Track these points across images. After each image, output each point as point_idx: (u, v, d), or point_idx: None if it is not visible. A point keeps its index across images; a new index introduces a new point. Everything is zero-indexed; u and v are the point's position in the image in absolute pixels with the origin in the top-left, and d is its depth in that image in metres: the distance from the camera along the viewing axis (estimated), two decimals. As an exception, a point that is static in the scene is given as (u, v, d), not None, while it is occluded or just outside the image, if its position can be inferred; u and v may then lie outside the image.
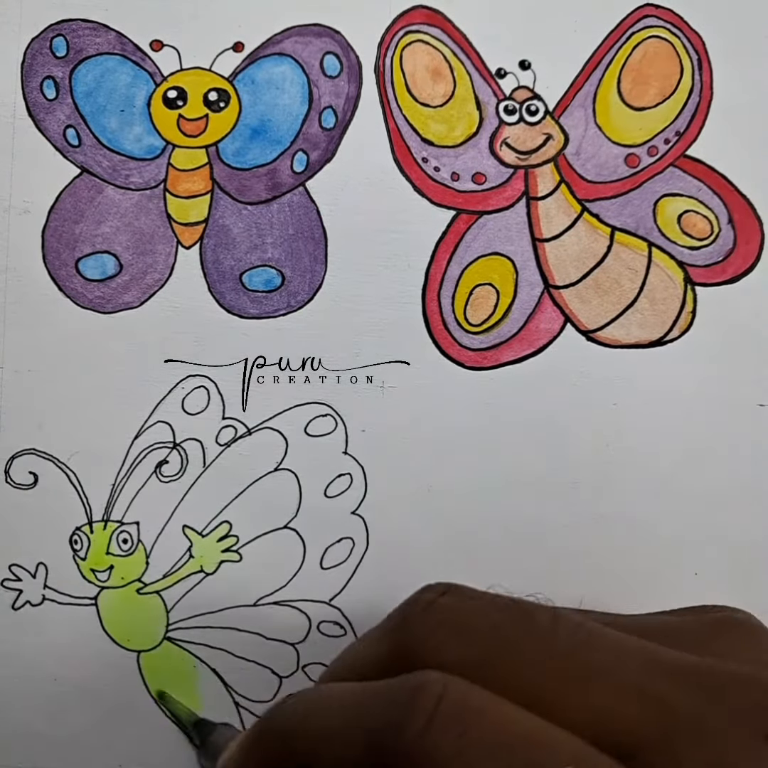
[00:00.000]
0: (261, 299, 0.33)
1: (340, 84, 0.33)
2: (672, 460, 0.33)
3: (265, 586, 0.32)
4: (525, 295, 0.33)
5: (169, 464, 0.32)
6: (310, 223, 0.33)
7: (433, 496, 0.33)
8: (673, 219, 0.34)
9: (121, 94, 0.33)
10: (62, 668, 0.31)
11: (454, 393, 0.33)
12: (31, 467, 0.32)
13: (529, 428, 0.33)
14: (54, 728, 0.31)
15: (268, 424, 0.32)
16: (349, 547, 0.32)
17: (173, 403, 0.32)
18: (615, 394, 0.33)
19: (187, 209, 0.33)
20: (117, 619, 0.32)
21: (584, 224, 0.33)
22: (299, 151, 0.33)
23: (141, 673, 0.32)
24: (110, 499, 0.32)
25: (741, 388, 0.33)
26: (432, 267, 0.33)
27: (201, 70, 0.33)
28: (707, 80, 0.34)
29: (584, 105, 0.34)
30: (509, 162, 0.33)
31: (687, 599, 0.33)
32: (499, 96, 0.33)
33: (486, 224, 0.33)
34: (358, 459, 0.33)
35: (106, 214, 0.32)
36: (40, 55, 0.33)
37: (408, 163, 0.33)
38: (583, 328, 0.33)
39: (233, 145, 0.33)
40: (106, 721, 0.31)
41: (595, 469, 0.33)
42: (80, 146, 0.33)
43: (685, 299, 0.33)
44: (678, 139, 0.34)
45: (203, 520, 0.32)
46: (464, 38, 0.33)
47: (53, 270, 0.32)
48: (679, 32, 0.34)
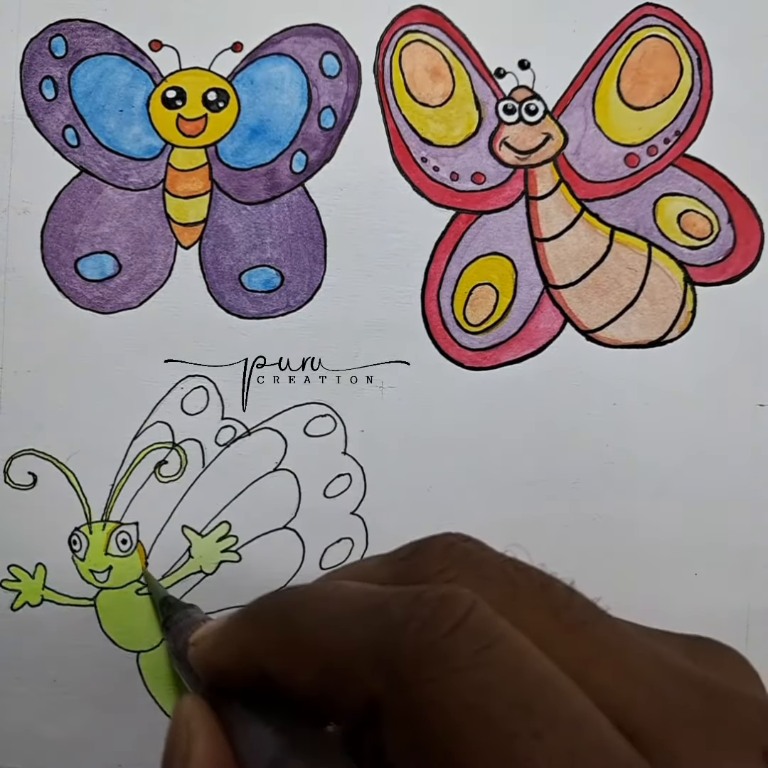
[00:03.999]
0: (260, 299, 0.33)
1: (339, 84, 0.33)
2: (672, 460, 0.33)
3: (265, 587, 0.32)
4: (524, 294, 0.33)
5: (168, 464, 0.32)
6: (309, 223, 0.33)
7: (433, 496, 0.33)
8: (673, 218, 0.33)
9: (120, 94, 0.33)
10: (62, 669, 0.31)
11: (454, 393, 0.33)
12: (30, 467, 0.32)
13: (529, 428, 0.33)
14: (54, 728, 0.31)
15: (268, 424, 0.32)
16: (349, 547, 0.32)
17: (172, 404, 0.32)
18: (615, 394, 0.33)
19: (186, 209, 0.33)
20: (116, 620, 0.32)
21: (584, 224, 0.33)
22: (298, 151, 0.33)
23: (140, 673, 0.32)
24: (109, 499, 0.32)
25: (741, 388, 0.33)
26: (431, 267, 0.33)
27: (200, 70, 0.33)
28: (707, 79, 0.34)
29: (584, 104, 0.34)
30: (509, 162, 0.33)
31: (687, 599, 0.33)
32: (499, 95, 0.33)
33: (485, 224, 0.33)
34: (357, 459, 0.33)
35: (105, 215, 0.32)
36: (39, 55, 0.32)
37: (407, 162, 0.33)
38: (582, 328, 0.33)
39: (232, 145, 0.33)
40: (106, 721, 0.31)
41: (595, 469, 0.33)
42: (79, 146, 0.33)
43: (685, 299, 0.33)
44: (678, 139, 0.34)
45: (202, 521, 0.32)
46: (463, 38, 0.33)
47: (52, 270, 0.32)
48: (678, 31, 0.34)
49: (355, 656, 0.13)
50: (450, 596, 0.13)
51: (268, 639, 0.15)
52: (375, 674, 0.13)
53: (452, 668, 0.12)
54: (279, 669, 0.15)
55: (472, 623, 0.13)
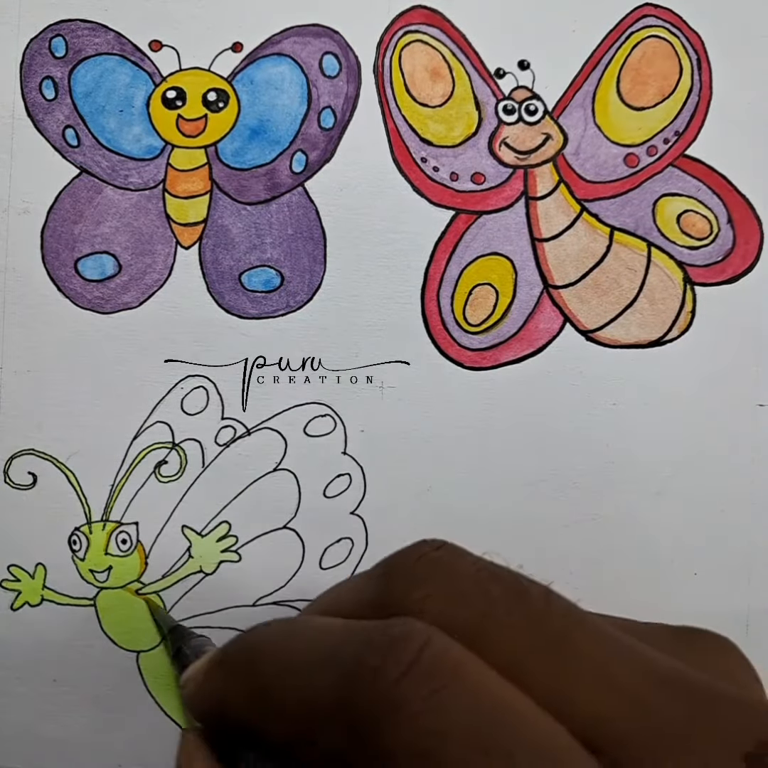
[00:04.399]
0: (260, 299, 0.33)
1: (338, 84, 0.33)
2: (672, 460, 0.33)
3: (265, 587, 0.32)
4: (524, 295, 0.33)
5: (168, 464, 0.32)
6: (309, 223, 0.33)
7: (433, 496, 0.33)
8: (673, 219, 0.33)
9: (120, 94, 0.33)
10: (61, 669, 0.31)
11: (454, 393, 0.33)
12: (30, 467, 0.32)
13: (529, 428, 0.33)
14: (54, 728, 0.31)
15: (268, 424, 0.32)
16: (348, 547, 0.32)
17: (172, 404, 0.32)
18: (615, 394, 0.33)
19: (186, 209, 0.33)
20: (116, 620, 0.32)
21: (583, 224, 0.33)
22: (298, 151, 0.33)
23: (140, 673, 0.32)
24: (109, 499, 0.32)
25: (741, 388, 0.33)
26: (431, 267, 0.33)
27: (200, 71, 0.33)
28: (706, 80, 0.34)
29: (583, 105, 0.34)
30: (508, 162, 0.33)
31: (687, 599, 0.33)
32: (498, 96, 0.33)
33: (485, 224, 0.33)
34: (357, 459, 0.33)
35: (105, 215, 0.32)
36: (39, 55, 0.33)
37: (407, 163, 0.33)
38: (582, 328, 0.33)
39: (232, 145, 0.33)
40: (106, 721, 0.31)
41: (595, 469, 0.33)
42: (79, 146, 0.33)
43: (685, 299, 0.33)
44: (677, 139, 0.34)
45: (202, 521, 0.32)
46: (463, 38, 0.33)
47: (52, 270, 0.32)
48: (678, 32, 0.34)
49: (316, 708, 0.13)
50: (400, 638, 0.13)
51: (236, 689, 0.15)
52: (336, 726, 0.13)
53: (405, 716, 0.12)
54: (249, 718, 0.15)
55: (423, 664, 0.13)
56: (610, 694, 0.13)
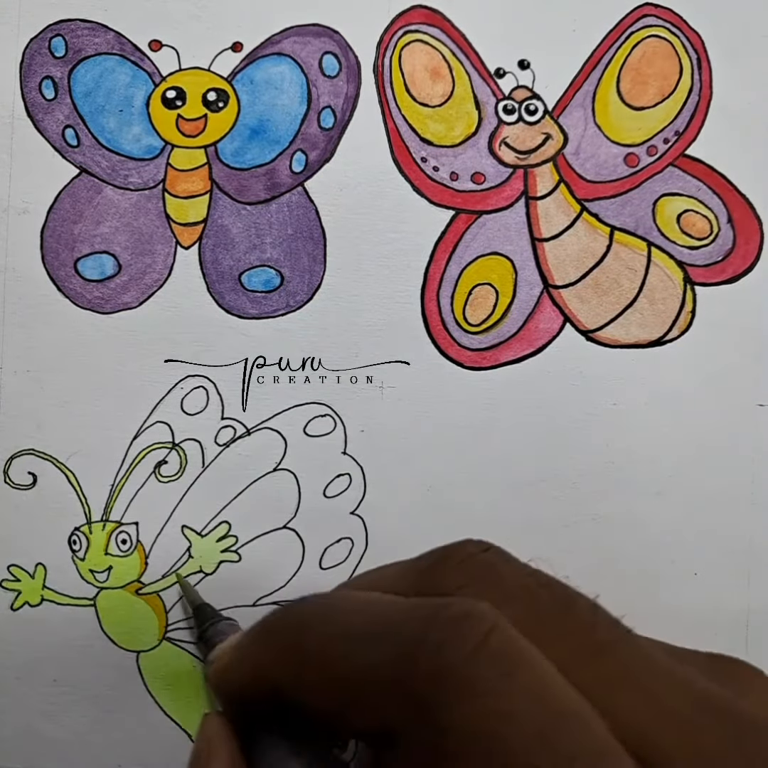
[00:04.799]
0: (260, 299, 0.33)
1: (338, 84, 0.33)
2: (672, 459, 0.33)
3: (265, 587, 0.32)
4: (524, 294, 0.33)
5: (168, 464, 0.32)
6: (309, 223, 0.33)
7: (432, 496, 0.33)
8: (673, 218, 0.33)
9: (120, 94, 0.33)
10: (61, 669, 0.31)
11: (454, 393, 0.33)
12: (30, 467, 0.32)
13: (529, 428, 0.33)
14: (54, 728, 0.31)
15: (268, 424, 0.32)
16: (348, 547, 0.32)
17: (172, 404, 0.32)
18: (615, 394, 0.33)
19: (186, 209, 0.33)
20: (116, 620, 0.32)
21: (583, 224, 0.33)
22: (298, 151, 0.33)
23: (140, 673, 0.32)
24: (109, 499, 0.32)
25: (741, 388, 0.33)
26: (431, 267, 0.33)
27: (200, 70, 0.33)
28: (706, 79, 0.34)
29: (583, 104, 0.34)
30: (508, 162, 0.33)
31: (687, 599, 0.33)
32: (498, 95, 0.33)
33: (485, 224, 0.33)
34: (357, 459, 0.33)
35: (104, 215, 0.32)
36: (39, 55, 0.32)
37: (407, 162, 0.33)
38: (582, 328, 0.33)
39: (232, 145, 0.33)
40: (106, 721, 0.31)
41: (595, 469, 0.33)
42: (79, 146, 0.33)
43: (685, 299, 0.33)
44: (677, 139, 0.34)
45: (202, 521, 0.32)
46: (463, 38, 0.33)
47: (52, 270, 0.32)
48: (678, 32, 0.34)
49: (370, 678, 0.13)
50: (470, 615, 0.13)
51: (281, 659, 0.15)
52: (390, 697, 0.13)
53: (472, 694, 0.12)
54: (293, 688, 0.15)
55: (494, 645, 0.12)
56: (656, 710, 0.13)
